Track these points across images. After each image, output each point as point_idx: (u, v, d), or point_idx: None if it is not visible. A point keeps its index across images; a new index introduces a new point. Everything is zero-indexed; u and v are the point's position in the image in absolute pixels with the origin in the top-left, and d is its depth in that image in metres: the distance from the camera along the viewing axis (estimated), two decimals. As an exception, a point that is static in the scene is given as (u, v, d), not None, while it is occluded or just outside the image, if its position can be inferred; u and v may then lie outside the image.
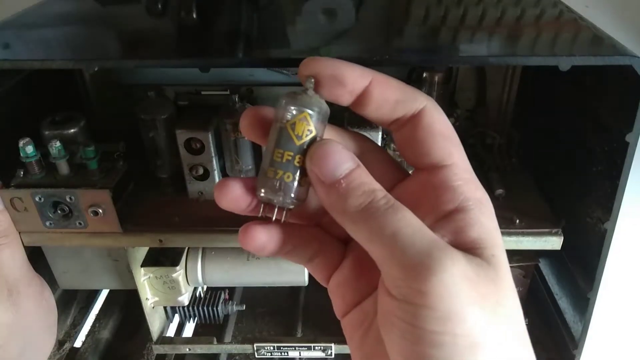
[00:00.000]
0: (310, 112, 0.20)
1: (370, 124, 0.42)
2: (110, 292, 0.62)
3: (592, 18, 0.42)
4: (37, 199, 0.39)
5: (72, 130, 0.42)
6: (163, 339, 0.53)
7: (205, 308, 0.54)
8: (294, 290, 0.61)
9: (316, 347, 0.51)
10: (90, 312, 0.61)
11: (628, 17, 0.66)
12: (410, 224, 0.19)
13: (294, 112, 0.20)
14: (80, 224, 0.40)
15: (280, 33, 0.40)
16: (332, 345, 0.51)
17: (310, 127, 0.21)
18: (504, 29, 0.36)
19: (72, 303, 0.60)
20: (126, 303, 0.63)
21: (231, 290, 0.57)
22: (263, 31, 0.42)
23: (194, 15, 0.46)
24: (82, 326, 0.59)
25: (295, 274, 0.50)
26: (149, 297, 0.50)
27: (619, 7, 0.66)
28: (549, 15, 0.40)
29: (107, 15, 0.47)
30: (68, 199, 0.39)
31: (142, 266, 0.48)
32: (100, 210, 0.39)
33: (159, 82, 0.51)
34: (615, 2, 0.66)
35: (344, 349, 0.52)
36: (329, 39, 0.37)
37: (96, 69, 0.31)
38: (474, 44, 0.34)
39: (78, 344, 0.58)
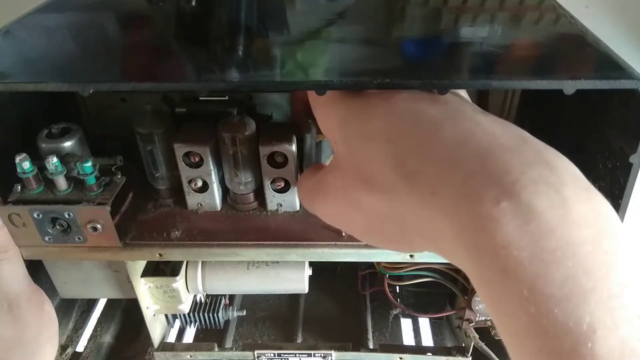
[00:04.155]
0: None
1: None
2: (111, 296, 0.62)
3: (592, 18, 0.41)
4: (35, 215, 0.39)
5: (69, 144, 0.41)
6: (164, 346, 0.53)
7: (206, 314, 0.54)
8: (294, 296, 0.61)
9: (316, 354, 0.51)
10: (91, 316, 0.61)
11: (628, 17, 0.65)
12: None
13: None
14: (79, 238, 0.40)
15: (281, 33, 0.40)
16: (332, 352, 0.51)
17: None
18: (504, 46, 0.36)
19: (73, 307, 0.60)
20: (127, 306, 0.63)
21: (231, 295, 0.58)
22: (264, 25, 0.41)
23: (193, 3, 0.46)
24: (84, 330, 0.60)
25: (295, 282, 0.50)
26: (150, 306, 0.50)
27: (619, 7, 0.65)
28: (549, 26, 0.39)
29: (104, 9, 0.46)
30: (66, 215, 0.39)
31: (142, 276, 0.48)
32: (99, 226, 0.39)
33: (155, 90, 0.50)
34: (615, 2, 0.65)
35: (344, 356, 0.52)
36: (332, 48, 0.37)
37: (91, 92, 0.30)
38: (474, 60, 0.34)
39: (80, 348, 0.58)
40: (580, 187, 0.20)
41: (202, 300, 0.55)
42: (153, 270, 0.49)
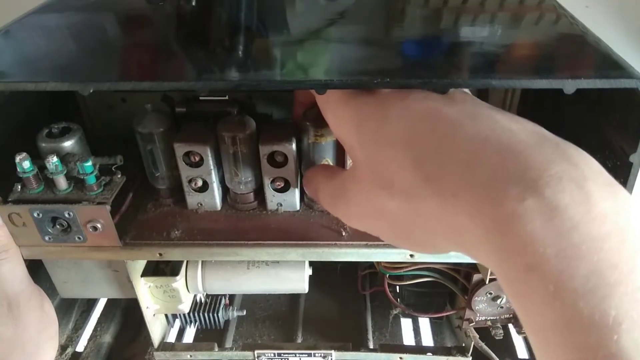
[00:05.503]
0: None
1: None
2: (111, 296, 0.62)
3: (592, 18, 0.41)
4: (35, 214, 0.39)
5: (69, 143, 0.41)
6: (164, 345, 0.53)
7: (206, 314, 0.54)
8: (294, 296, 0.61)
9: (316, 354, 0.51)
10: (91, 316, 0.61)
11: (628, 17, 0.65)
12: None
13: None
14: (79, 238, 0.40)
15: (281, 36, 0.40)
16: (332, 352, 0.51)
17: None
18: (504, 45, 0.36)
19: (73, 307, 0.60)
20: (127, 306, 0.63)
21: (231, 295, 0.58)
22: (264, 25, 0.41)
23: (193, 3, 0.46)
24: (84, 330, 0.60)
25: (295, 281, 0.50)
26: (150, 305, 0.50)
27: (619, 7, 0.65)
28: (549, 25, 0.39)
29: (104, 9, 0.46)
30: (66, 215, 0.39)
31: (142, 276, 0.48)
32: (99, 226, 0.39)
33: (155, 89, 0.50)
34: (615, 2, 0.65)
35: (344, 356, 0.52)
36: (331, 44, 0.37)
37: (91, 91, 0.30)
38: (475, 60, 0.34)
39: (80, 348, 0.58)
40: (602, 181, 0.20)
41: (202, 300, 0.55)
42: (153, 270, 0.49)
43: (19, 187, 0.39)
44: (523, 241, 0.19)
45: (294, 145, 0.40)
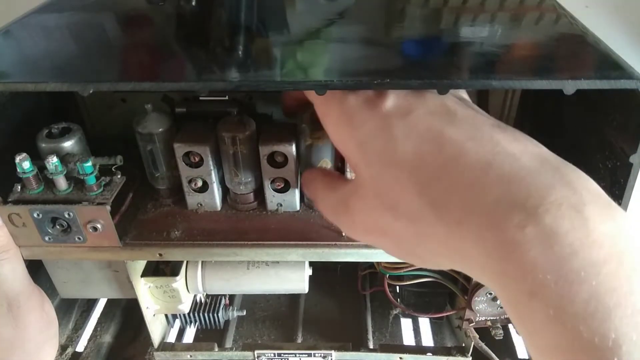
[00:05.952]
0: None
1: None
2: (111, 296, 0.62)
3: (592, 18, 0.41)
4: (35, 215, 0.39)
5: (69, 144, 0.41)
6: (164, 346, 0.53)
7: (206, 314, 0.54)
8: (294, 296, 0.61)
9: (316, 354, 0.51)
10: (91, 316, 0.61)
11: (628, 17, 0.65)
12: None
13: None
14: (79, 238, 0.40)
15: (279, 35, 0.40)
16: (332, 352, 0.51)
17: None
18: (504, 46, 0.36)
19: (73, 307, 0.60)
20: (127, 306, 0.63)
21: (231, 295, 0.58)
22: (264, 25, 0.41)
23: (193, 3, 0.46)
24: (84, 330, 0.60)
25: (295, 281, 0.50)
26: (150, 305, 0.50)
27: (619, 7, 0.65)
28: (549, 26, 0.39)
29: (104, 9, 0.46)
30: (66, 215, 0.39)
31: (142, 276, 0.48)
32: (99, 226, 0.39)
33: (155, 89, 0.50)
34: (615, 2, 0.65)
35: (344, 356, 0.52)
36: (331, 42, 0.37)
37: (91, 92, 0.30)
38: (475, 60, 0.34)
39: (80, 348, 0.58)
40: (600, 205, 0.21)
41: (202, 300, 0.55)
42: (153, 270, 0.49)
43: (19, 187, 0.39)
44: (524, 268, 0.20)
45: (294, 146, 0.40)
